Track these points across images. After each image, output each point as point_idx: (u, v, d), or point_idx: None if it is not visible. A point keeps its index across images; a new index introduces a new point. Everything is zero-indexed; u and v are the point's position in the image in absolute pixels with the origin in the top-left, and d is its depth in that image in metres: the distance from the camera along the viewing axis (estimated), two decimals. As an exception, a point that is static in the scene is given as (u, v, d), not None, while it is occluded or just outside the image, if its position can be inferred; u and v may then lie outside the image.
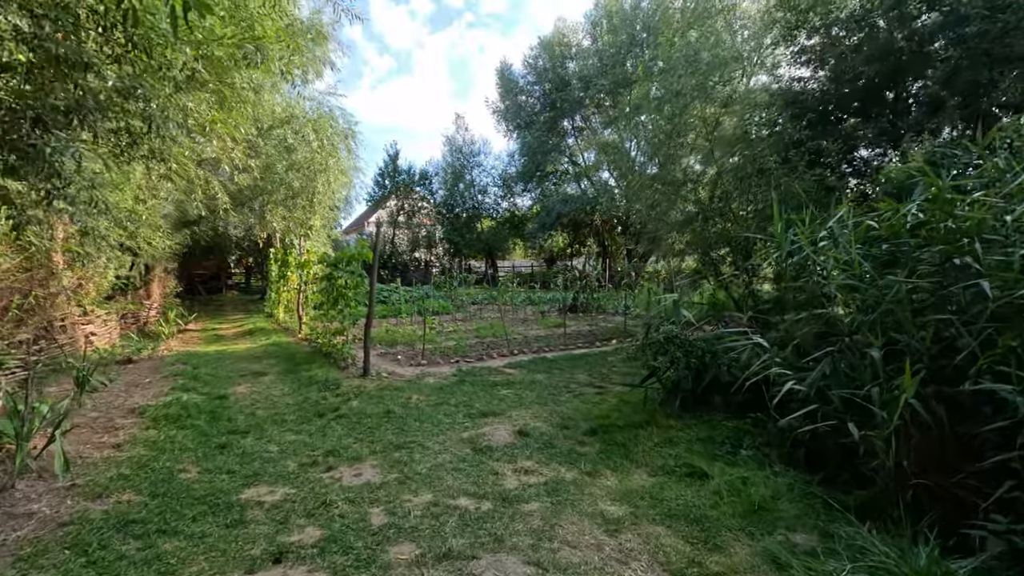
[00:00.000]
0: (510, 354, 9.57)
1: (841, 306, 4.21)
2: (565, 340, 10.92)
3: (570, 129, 32.79)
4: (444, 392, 6.92)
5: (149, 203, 8.96)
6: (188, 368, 8.53)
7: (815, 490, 3.65)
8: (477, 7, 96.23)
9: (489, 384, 7.35)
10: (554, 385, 7.27)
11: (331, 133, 13.46)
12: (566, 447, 4.81)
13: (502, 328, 12.55)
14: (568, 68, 31.09)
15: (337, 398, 6.75)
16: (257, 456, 4.75)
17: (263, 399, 6.80)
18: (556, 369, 8.37)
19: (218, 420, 5.81)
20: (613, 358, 9.25)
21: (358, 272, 8.66)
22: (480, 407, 6.19)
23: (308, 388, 7.32)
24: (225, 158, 11.40)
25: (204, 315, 18.33)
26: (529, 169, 31.77)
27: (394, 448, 4.90)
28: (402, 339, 11.29)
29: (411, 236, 33.27)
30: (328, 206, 13.94)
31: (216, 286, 26.86)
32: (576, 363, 8.83)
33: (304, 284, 12.28)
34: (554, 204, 29.18)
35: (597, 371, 8.20)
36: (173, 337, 12.96)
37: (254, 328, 14.50)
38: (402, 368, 8.60)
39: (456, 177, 33.30)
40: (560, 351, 10.00)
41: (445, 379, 7.74)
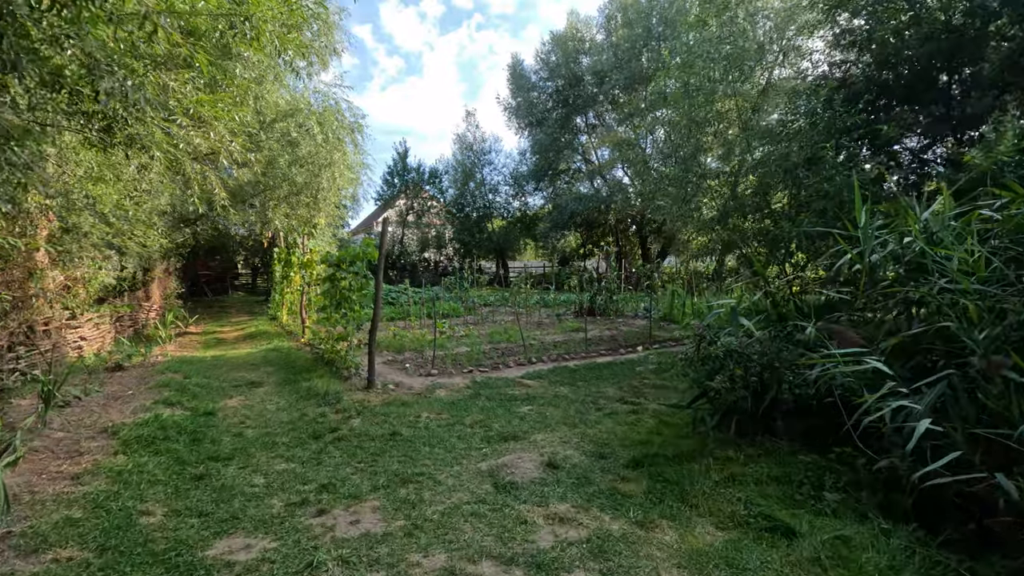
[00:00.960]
0: (528, 362, 8.78)
1: (956, 317, 3.37)
2: (586, 346, 10.11)
3: (583, 126, 31.97)
4: (458, 408, 6.14)
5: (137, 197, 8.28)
6: (178, 377, 7.83)
7: (941, 556, 2.81)
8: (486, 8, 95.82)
9: (507, 399, 6.56)
10: (580, 400, 6.46)
11: (337, 126, 12.73)
12: (606, 483, 4.00)
13: (518, 333, 11.76)
14: (581, 63, 30.25)
15: (337, 415, 5.99)
16: (238, 491, 3.99)
17: (255, 416, 6.06)
18: (580, 381, 7.56)
19: (200, 442, 5.07)
20: (642, 368, 8.43)
21: (363, 273, 7.92)
22: (499, 428, 5.40)
23: (306, 402, 6.57)
24: (223, 151, 10.74)
25: (207, 317, 17.74)
26: (541, 167, 30.95)
27: (400, 482, 4.12)
28: (411, 344, 10.54)
29: (420, 236, 32.58)
30: (334, 203, 13.22)
31: (222, 287, 26.34)
32: (601, 374, 8.02)
33: (307, 285, 11.58)
34: (567, 202, 28.35)
35: (627, 383, 7.38)
36: (171, 341, 12.31)
37: (256, 332, 13.83)
38: (410, 378, 7.84)
39: (466, 175, 32.55)
40: (582, 359, 9.18)
41: (458, 392, 6.96)
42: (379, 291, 7.11)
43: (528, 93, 31.46)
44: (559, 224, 29.21)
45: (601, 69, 28.29)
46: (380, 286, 7.09)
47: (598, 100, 30.23)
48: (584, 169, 32.70)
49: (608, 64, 27.95)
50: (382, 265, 7.02)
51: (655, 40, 27.11)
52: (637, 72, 27.57)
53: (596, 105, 30.78)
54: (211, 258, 26.02)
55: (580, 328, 12.80)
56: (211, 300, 24.09)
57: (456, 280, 19.98)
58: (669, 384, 7.33)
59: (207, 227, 14.45)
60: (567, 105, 30.35)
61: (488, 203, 33.43)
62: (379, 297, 7.12)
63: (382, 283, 7.08)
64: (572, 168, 33.10)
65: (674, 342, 10.86)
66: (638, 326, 13.81)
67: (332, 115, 12.90)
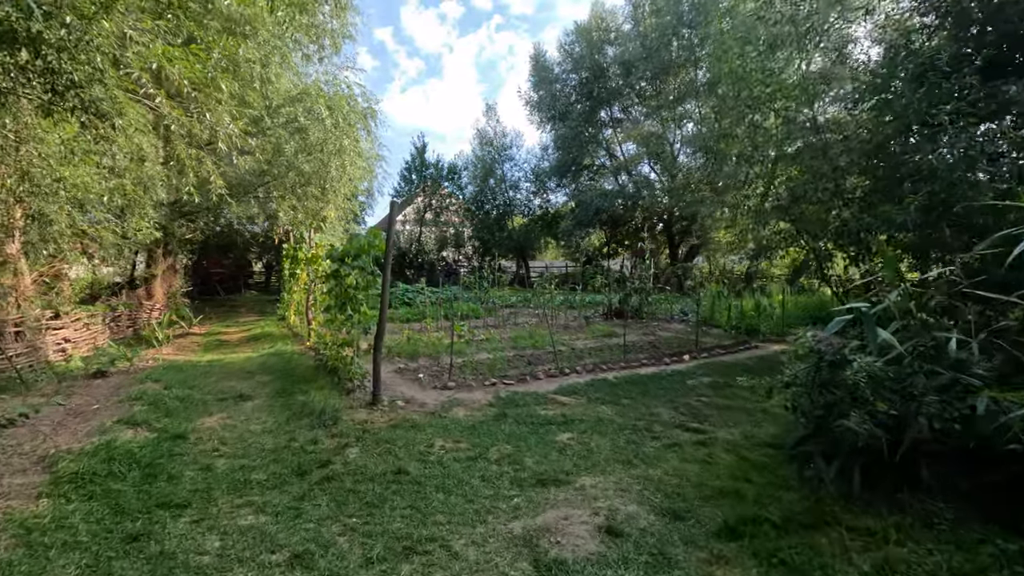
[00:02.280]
0: (559, 373, 7.57)
1: None
2: (623, 354, 8.87)
3: (607, 120, 30.61)
4: (479, 435, 4.97)
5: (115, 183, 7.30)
6: (159, 388, 6.81)
7: None
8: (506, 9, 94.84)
9: (540, 422, 5.37)
10: (630, 426, 5.24)
11: (348, 111, 11.70)
12: (695, 568, 2.79)
13: (544, 337, 10.56)
14: (607, 54, 28.93)
15: (332, 441, 4.87)
16: (180, 563, 2.88)
17: (234, 440, 4.97)
18: (625, 398, 6.34)
19: (154, 479, 3.99)
20: (694, 382, 7.16)
21: (369, 268, 6.81)
22: (534, 465, 4.21)
23: (298, 422, 5.47)
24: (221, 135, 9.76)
25: (216, 317, 16.90)
26: (564, 162, 29.68)
27: (402, 552, 2.97)
28: (426, 350, 9.42)
29: (438, 234, 31.56)
30: (345, 195, 12.19)
31: (235, 285, 25.62)
32: (648, 389, 6.78)
33: (312, 283, 10.55)
34: (592, 199, 27.02)
35: (681, 403, 6.13)
36: (168, 343, 11.41)
37: (261, 333, 12.87)
38: (424, 392, 6.70)
39: (486, 172, 31.43)
40: (621, 370, 7.95)
41: (480, 411, 5.80)
42: (386, 289, 5.98)
43: (551, 86, 30.21)
44: (583, 222, 27.90)
45: (628, 59, 26.92)
46: (387, 283, 5.96)
47: (623, 93, 28.90)
48: (608, 165, 31.35)
49: (635, 54, 26.57)
50: (390, 259, 5.89)
51: (686, 27, 25.69)
52: (667, 62, 26.17)
53: (621, 98, 29.44)
54: (224, 256, 25.33)
55: (612, 332, 11.55)
56: (223, 299, 23.36)
57: (476, 280, 18.88)
58: (733, 403, 6.07)
59: (208, 220, 13.53)
60: (591, 98, 29.05)
61: (508, 200, 32.27)
62: (386, 296, 5.99)
63: (389, 279, 5.95)
64: (596, 164, 31.77)
65: (723, 350, 9.55)
66: (675, 330, 12.50)
67: (343, 100, 11.89)
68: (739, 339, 10.51)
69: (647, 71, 26.39)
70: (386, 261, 5.87)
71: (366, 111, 12.81)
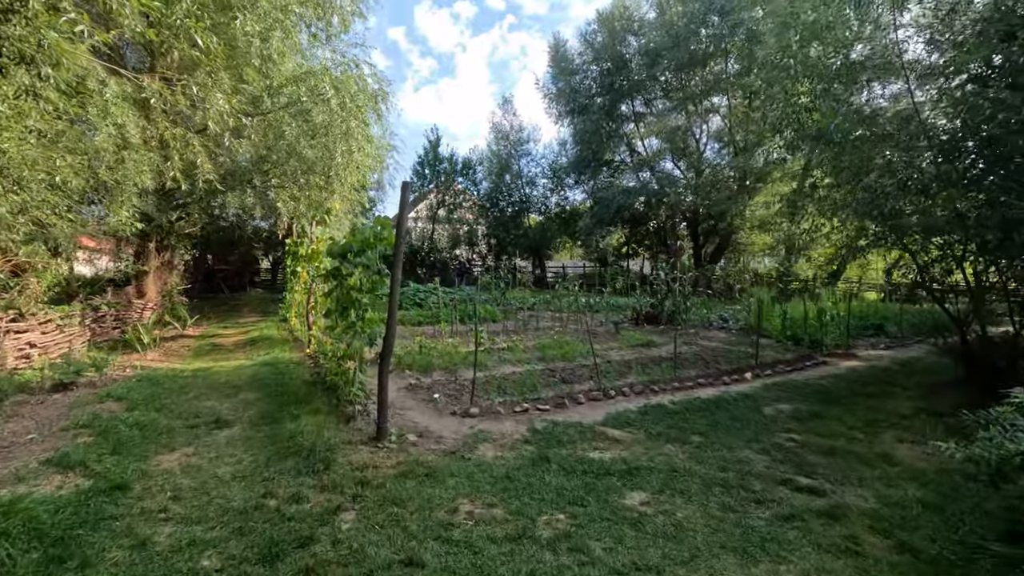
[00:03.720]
0: (603, 396, 6.28)
1: None
2: (673, 371, 7.55)
3: (629, 114, 29.20)
4: (518, 492, 3.69)
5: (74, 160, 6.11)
6: (118, 409, 5.62)
7: None
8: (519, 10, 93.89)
9: (595, 471, 4.07)
10: (718, 480, 3.93)
11: (356, 91, 10.49)
12: None
13: (576, 347, 9.27)
14: (630, 45, 27.55)
15: (321, 496, 3.63)
16: None
17: (192, 493, 3.74)
18: (693, 433, 5.03)
19: (57, 567, 2.76)
20: (771, 410, 5.83)
21: (376, 267, 5.57)
22: (603, 554, 2.92)
23: (280, 463, 4.23)
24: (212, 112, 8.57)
25: (215, 317, 15.81)
26: (583, 158, 28.33)
27: None
28: (441, 361, 8.17)
29: (452, 232, 30.32)
30: (352, 185, 10.98)
31: (240, 283, 24.58)
32: (717, 420, 5.46)
33: (313, 282, 9.36)
34: (614, 196, 25.63)
35: (768, 442, 4.81)
36: (155, 347, 10.28)
37: (259, 337, 11.72)
38: (440, 419, 5.44)
39: (502, 167, 30.16)
40: (675, 391, 6.64)
41: (513, 450, 4.53)
42: (395, 293, 4.72)
43: (571, 77, 28.85)
44: (603, 220, 26.50)
45: (653, 49, 25.50)
46: (397, 285, 4.70)
47: (646, 86, 27.47)
48: (630, 161, 29.91)
49: (661, 43, 25.13)
50: (400, 254, 4.63)
51: (715, 14, 24.25)
52: (694, 53, 24.71)
53: (644, 91, 28.03)
54: (229, 252, 24.32)
55: (650, 342, 10.23)
56: (227, 298, 22.33)
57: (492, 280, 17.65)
58: (836, 444, 4.73)
59: (201, 211, 12.38)
60: (612, 90, 27.68)
61: (525, 197, 30.99)
62: (395, 303, 4.73)
63: (399, 279, 4.68)
64: (617, 160, 30.36)
65: (786, 366, 8.18)
66: (719, 339, 11.14)
67: (351, 80, 10.68)
68: (800, 352, 9.13)
69: (672, 62, 24.98)
70: (396, 257, 4.62)
71: (376, 93, 11.59)
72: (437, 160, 28.37)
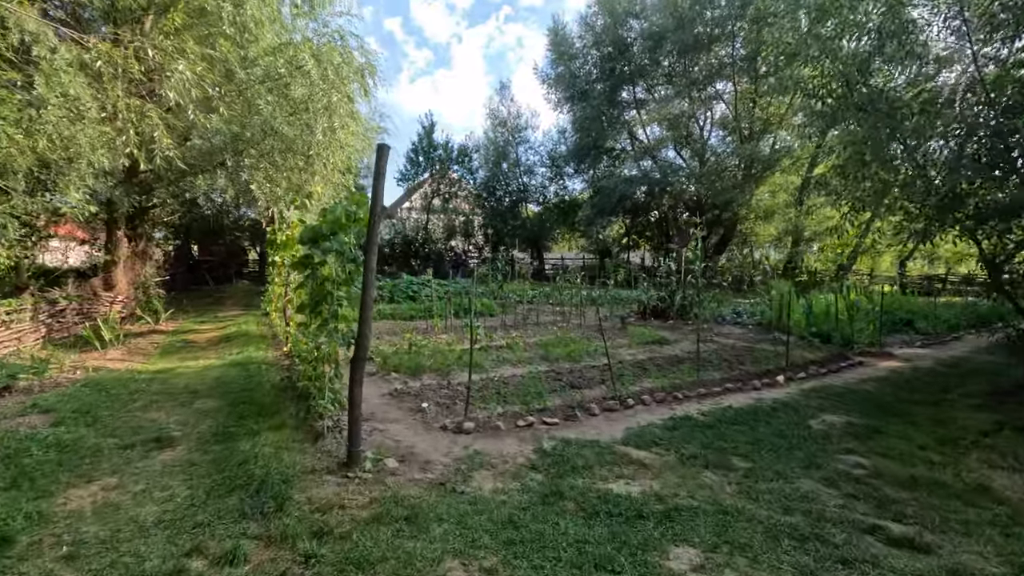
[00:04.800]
0: (619, 404, 5.38)
1: None
2: (697, 373, 6.66)
3: (631, 101, 28.18)
4: (525, 549, 2.78)
5: None
6: (42, 423, 4.70)
7: None
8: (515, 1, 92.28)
9: (624, 514, 3.17)
10: (784, 527, 3.04)
11: (340, 63, 9.50)
12: None
13: (581, 345, 8.39)
14: (632, 28, 26.49)
15: (266, 554, 2.74)
16: None
17: (96, 547, 2.82)
18: (735, 454, 4.14)
19: None
20: (819, 424, 4.95)
21: (351, 253, 4.64)
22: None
23: (222, 501, 3.32)
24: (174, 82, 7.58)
25: (196, 310, 14.84)
26: (584, 146, 27.30)
27: None
28: (432, 361, 7.27)
29: (447, 222, 29.32)
30: (336, 167, 9.99)
31: (226, 275, 23.56)
32: (760, 437, 4.57)
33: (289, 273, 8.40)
34: (615, 185, 24.66)
35: (830, 468, 3.92)
36: (118, 344, 9.34)
37: (237, 332, 10.79)
38: (429, 436, 4.54)
39: (499, 155, 29.12)
40: (700, 398, 5.77)
41: (516, 480, 3.63)
42: (369, 283, 3.78)
43: (571, 62, 27.80)
44: (604, 210, 25.55)
45: (656, 32, 24.46)
46: (371, 273, 3.76)
47: (648, 71, 26.46)
48: (631, 149, 28.92)
49: (664, 26, 24.07)
50: (375, 234, 3.70)
51: (722, -7, 23.22)
52: (698, 36, 23.70)
53: (646, 76, 27.02)
54: (214, 242, 23.31)
55: (661, 339, 9.37)
56: (211, 290, 21.33)
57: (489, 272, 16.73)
58: (916, 472, 3.85)
59: (168, 195, 11.39)
60: (613, 76, 26.67)
61: (523, 186, 30.00)
62: (369, 294, 3.78)
63: (374, 268, 3.74)
64: (617, 148, 29.35)
65: (819, 366, 7.30)
66: (735, 336, 10.28)
67: (334, 51, 9.70)
68: (830, 352, 8.25)
69: (676, 45, 23.95)
70: (370, 240, 3.68)
71: (363, 67, 10.60)
72: (432, 147, 27.32)
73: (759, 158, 23.40)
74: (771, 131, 24.52)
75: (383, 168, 3.63)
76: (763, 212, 25.63)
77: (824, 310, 10.65)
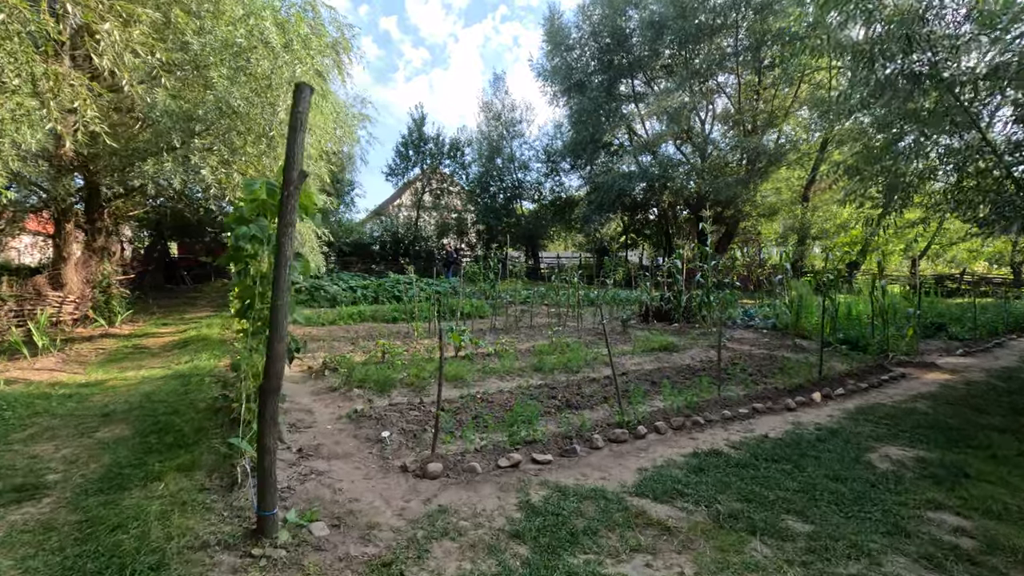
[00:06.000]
0: (628, 433, 4.31)
1: None
2: (717, 389, 5.61)
3: (629, 94, 27.13)
4: None
5: None
6: None
7: None
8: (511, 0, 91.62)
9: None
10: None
11: (308, 34, 8.41)
12: None
13: (580, 352, 7.35)
14: (631, 18, 25.45)
15: None
16: None
17: None
18: (787, 511, 3.09)
19: None
20: (883, 463, 3.91)
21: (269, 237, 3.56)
22: None
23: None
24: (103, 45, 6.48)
25: (164, 311, 13.73)
26: (581, 140, 26.23)
27: None
28: (406, 374, 6.22)
29: (438, 220, 28.21)
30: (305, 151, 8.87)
31: (205, 273, 22.40)
32: (814, 481, 3.53)
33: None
34: (614, 180, 23.61)
35: (927, 534, 2.88)
36: (56, 351, 8.22)
37: (196, 336, 9.68)
38: (384, 480, 3.47)
39: (493, 150, 28.01)
40: (727, 423, 4.72)
41: (492, 555, 2.57)
42: (281, 282, 2.68)
43: (567, 53, 26.74)
44: (602, 206, 24.51)
45: (657, 20, 23.41)
46: (284, 268, 2.66)
47: (647, 64, 25.44)
48: (629, 145, 27.86)
49: (666, 14, 23.02)
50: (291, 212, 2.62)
51: (727, -20, 22.20)
52: (704, 25, 22.67)
53: (645, 68, 26.01)
54: (196, 239, 22.12)
55: (670, 345, 8.32)
56: (188, 289, 20.17)
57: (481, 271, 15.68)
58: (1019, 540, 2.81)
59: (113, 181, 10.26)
60: (612, 68, 25.68)
61: (517, 182, 28.91)
62: (281, 299, 2.68)
63: (288, 259, 2.64)
64: (615, 143, 28.30)
65: (858, 380, 6.26)
66: (750, 340, 9.25)
67: (302, 22, 8.62)
68: (865, 362, 7.21)
69: (677, 35, 22.86)
70: (283, 217, 2.61)
71: (337, 42, 9.52)
72: (422, 140, 26.16)
73: (764, 152, 22.39)
74: (776, 124, 23.52)
75: (302, 115, 2.56)
76: (767, 209, 24.63)
77: (846, 312, 9.65)
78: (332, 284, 15.65)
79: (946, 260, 28.35)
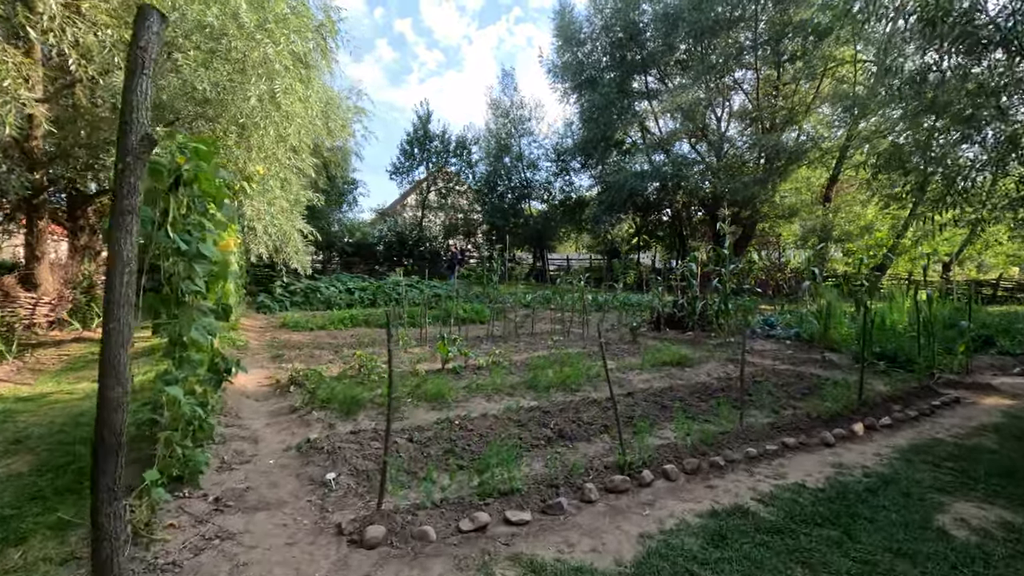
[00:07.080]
0: (630, 479, 3.48)
1: None
2: (739, 417, 4.73)
3: (642, 90, 26.19)
4: None
5: None
6: None
7: None
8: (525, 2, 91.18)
9: None
10: None
11: (286, 13, 7.69)
12: None
13: (581, 365, 6.52)
14: (644, 12, 24.50)
15: None
16: None
17: None
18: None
19: None
20: (955, 523, 3.03)
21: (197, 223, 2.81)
22: None
23: None
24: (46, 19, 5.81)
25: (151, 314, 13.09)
26: (591, 138, 25.33)
27: None
28: (379, 391, 5.44)
29: (445, 220, 27.48)
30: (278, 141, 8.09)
31: (204, 273, 21.85)
32: (872, 556, 2.67)
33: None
34: (625, 179, 22.69)
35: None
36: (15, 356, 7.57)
37: (168, 342, 8.98)
38: (307, 546, 2.67)
39: (501, 148, 27.21)
40: (752, 464, 3.86)
41: None
42: (116, 294, 1.90)
43: (578, 48, 25.87)
44: (614, 206, 23.59)
45: (672, 13, 22.46)
46: (122, 275, 1.88)
47: (660, 59, 24.49)
48: (642, 143, 26.92)
49: (680, 5, 22.05)
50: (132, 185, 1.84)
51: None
52: (720, 17, 21.66)
53: (659, 64, 25.05)
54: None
55: (682, 358, 7.43)
56: (185, 289, 19.63)
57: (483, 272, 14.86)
58: None
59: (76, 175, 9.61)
60: (624, 63, 24.77)
61: (526, 181, 28.07)
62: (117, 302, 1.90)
63: (130, 256, 1.86)
64: (628, 141, 27.36)
65: (902, 405, 5.35)
66: (771, 353, 8.34)
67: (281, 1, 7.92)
68: (908, 383, 6.27)
69: (693, 28, 21.87)
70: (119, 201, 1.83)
71: (322, 25, 8.81)
72: (427, 137, 25.44)
73: (783, 150, 21.31)
74: (796, 121, 22.43)
75: (144, 54, 1.77)
76: (786, 210, 23.52)
77: (880, 322, 8.69)
78: (329, 286, 14.98)
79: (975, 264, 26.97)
